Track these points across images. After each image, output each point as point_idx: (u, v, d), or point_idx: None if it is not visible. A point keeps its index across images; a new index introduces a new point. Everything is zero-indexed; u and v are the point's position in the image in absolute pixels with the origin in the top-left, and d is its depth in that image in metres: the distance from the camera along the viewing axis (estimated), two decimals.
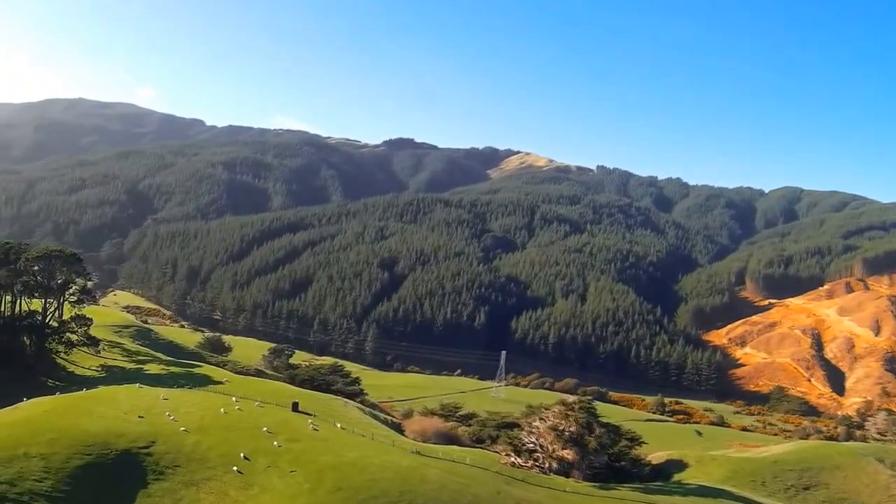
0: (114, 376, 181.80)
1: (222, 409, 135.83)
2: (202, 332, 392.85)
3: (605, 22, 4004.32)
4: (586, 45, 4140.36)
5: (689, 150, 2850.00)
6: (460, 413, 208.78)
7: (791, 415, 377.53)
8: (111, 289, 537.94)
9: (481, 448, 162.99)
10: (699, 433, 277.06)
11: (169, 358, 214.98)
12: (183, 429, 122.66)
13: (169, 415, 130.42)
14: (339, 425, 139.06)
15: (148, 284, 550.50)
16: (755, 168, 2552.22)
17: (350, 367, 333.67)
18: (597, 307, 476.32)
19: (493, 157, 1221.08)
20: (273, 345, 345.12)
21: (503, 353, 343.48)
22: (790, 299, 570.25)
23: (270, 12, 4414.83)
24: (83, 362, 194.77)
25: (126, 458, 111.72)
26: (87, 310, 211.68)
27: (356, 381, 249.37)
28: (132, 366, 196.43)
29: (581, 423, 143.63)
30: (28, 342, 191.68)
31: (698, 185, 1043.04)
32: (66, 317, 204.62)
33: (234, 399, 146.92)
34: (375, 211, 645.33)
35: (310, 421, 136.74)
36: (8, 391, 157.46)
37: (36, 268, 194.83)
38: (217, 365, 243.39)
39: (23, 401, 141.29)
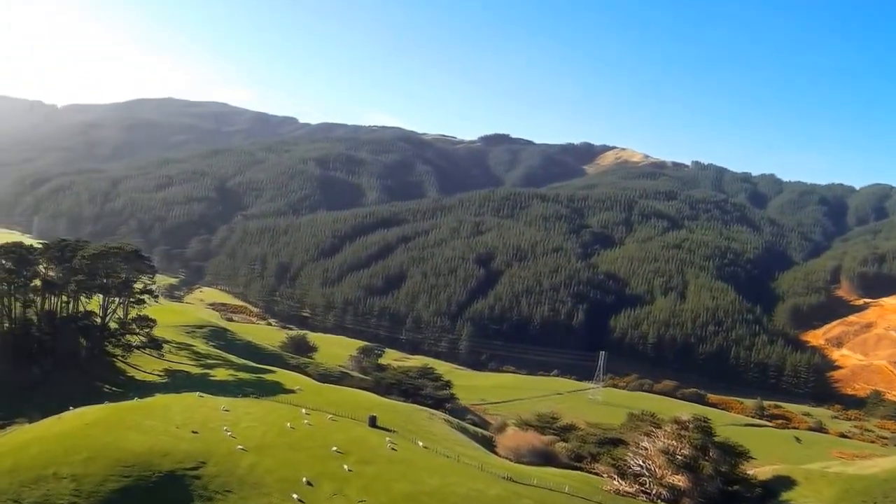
0: (176, 382, 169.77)
1: (289, 424, 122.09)
2: (289, 329, 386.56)
3: (698, 17, 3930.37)
4: (679, 40, 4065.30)
5: (782, 145, 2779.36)
6: (558, 424, 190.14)
7: (888, 420, 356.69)
8: (197, 286, 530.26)
9: (580, 468, 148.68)
10: (798, 440, 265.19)
11: (242, 361, 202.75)
12: (240, 447, 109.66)
13: (227, 430, 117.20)
14: (421, 444, 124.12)
15: (235, 281, 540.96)
16: (846, 164, 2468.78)
17: (442, 366, 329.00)
18: (696, 306, 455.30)
19: (588, 152, 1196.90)
20: (363, 343, 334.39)
21: (602, 353, 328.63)
22: (884, 299, 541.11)
23: (364, 10, 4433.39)
24: (145, 366, 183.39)
25: (169, 482, 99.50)
26: (162, 309, 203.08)
27: (446, 384, 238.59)
28: (198, 371, 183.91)
29: (695, 446, 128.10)
30: (84, 344, 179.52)
31: (791, 181, 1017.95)
32: (128, 318, 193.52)
33: (304, 411, 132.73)
34: (471, 206, 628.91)
35: (388, 439, 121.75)
36: (61, 396, 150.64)
37: (93, 266, 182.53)
38: (297, 367, 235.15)
39: (69, 409, 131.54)
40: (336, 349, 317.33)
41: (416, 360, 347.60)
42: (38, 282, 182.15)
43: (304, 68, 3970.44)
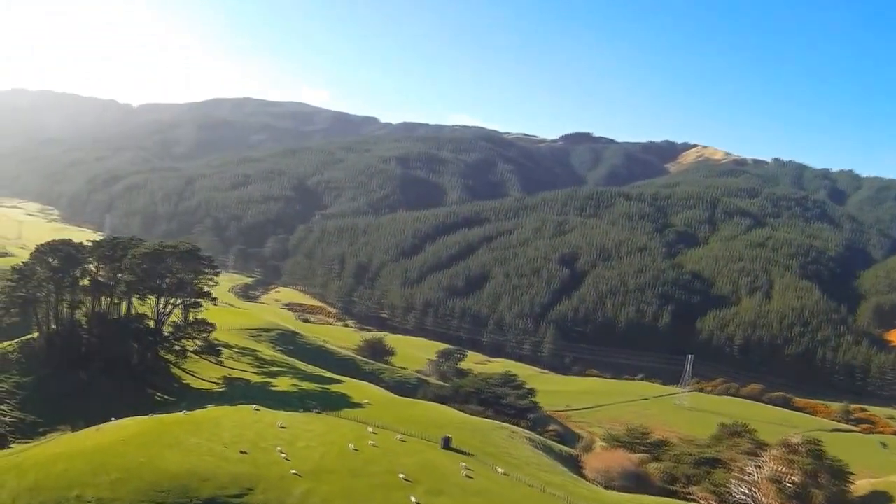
0: (233, 392, 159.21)
1: (351, 445, 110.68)
2: (367, 330, 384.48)
3: (774, 15, 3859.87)
4: (753, 39, 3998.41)
5: (860, 140, 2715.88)
6: (649, 440, 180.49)
7: None
8: (273, 286, 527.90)
9: (676, 493, 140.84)
10: (884, 445, 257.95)
11: (309, 369, 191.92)
12: (294, 471, 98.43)
13: (280, 451, 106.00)
14: (500, 470, 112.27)
15: (312, 281, 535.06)
16: None
17: (525, 370, 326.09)
18: (782, 306, 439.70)
19: (670, 150, 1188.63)
20: (443, 346, 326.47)
21: (689, 357, 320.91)
22: None
23: (444, 11, 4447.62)
24: (202, 373, 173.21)
25: None
26: (227, 311, 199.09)
27: (529, 392, 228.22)
28: (259, 379, 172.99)
29: (807, 472, 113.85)
30: (135, 349, 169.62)
31: (870, 176, 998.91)
32: (184, 321, 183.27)
33: (370, 430, 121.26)
34: (554, 205, 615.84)
35: (463, 464, 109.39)
36: (108, 404, 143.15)
37: (145, 266, 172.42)
38: (371, 374, 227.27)
39: (111, 420, 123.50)
40: (415, 352, 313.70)
41: (498, 364, 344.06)
42: (87, 281, 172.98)
43: (384, 69, 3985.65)
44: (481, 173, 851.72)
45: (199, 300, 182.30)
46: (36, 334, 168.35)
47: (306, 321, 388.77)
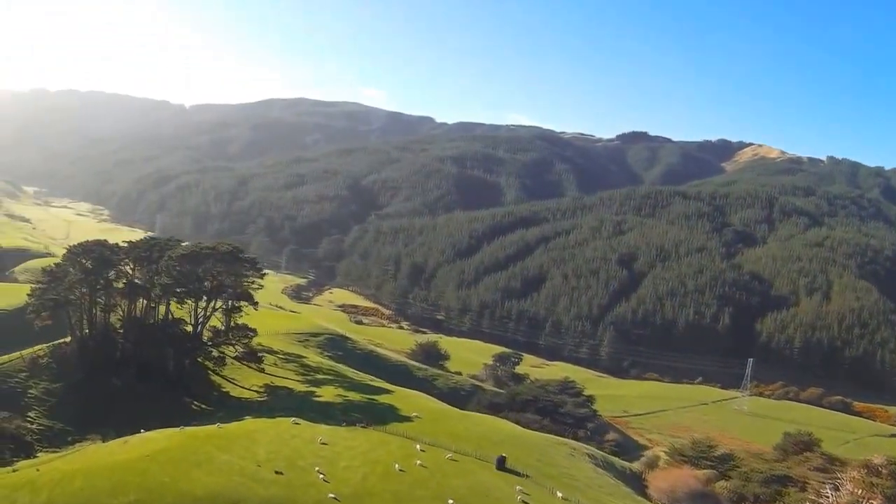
0: (275, 402, 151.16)
1: (397, 465, 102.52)
2: (422, 332, 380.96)
3: (826, 14, 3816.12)
4: (806, 38, 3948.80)
5: None
6: (715, 454, 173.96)
7: None
8: (327, 287, 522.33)
9: None
10: None
11: (357, 377, 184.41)
12: (332, 495, 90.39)
13: (319, 471, 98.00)
14: (559, 494, 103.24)
15: (367, 282, 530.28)
16: None
17: (582, 374, 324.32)
18: (841, 307, 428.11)
19: (725, 149, 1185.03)
20: (499, 350, 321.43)
21: (749, 360, 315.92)
22: None
23: (499, 11, 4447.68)
24: (243, 380, 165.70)
25: None
26: (274, 314, 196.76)
27: (588, 400, 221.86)
28: (303, 388, 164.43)
29: (889, 496, 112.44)
30: (172, 355, 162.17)
31: None
32: (224, 326, 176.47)
33: (418, 447, 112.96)
34: (612, 205, 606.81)
35: (519, 487, 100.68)
36: (142, 413, 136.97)
37: (182, 268, 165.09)
38: (424, 381, 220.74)
39: (140, 432, 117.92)
40: (470, 355, 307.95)
41: (555, 367, 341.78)
42: (122, 284, 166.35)
43: (439, 69, 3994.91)
44: (538, 173, 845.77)
45: (240, 304, 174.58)
46: (68, 338, 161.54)
47: (360, 323, 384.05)
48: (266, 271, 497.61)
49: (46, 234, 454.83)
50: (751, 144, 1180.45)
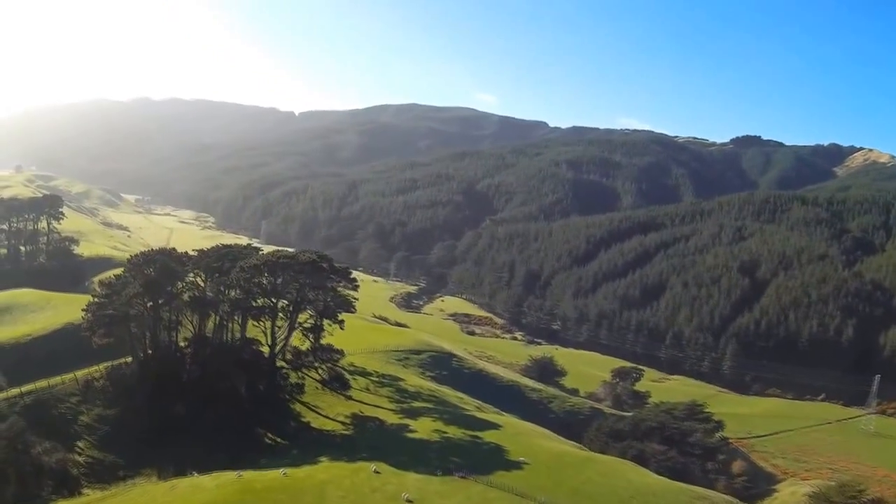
0: (360, 437, 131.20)
1: None
2: (536, 344, 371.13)
3: None
4: None
5: None
6: (864, 498, 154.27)
7: None
8: (438, 295, 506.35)
9: None
10: None
11: (460, 405, 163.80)
12: None
13: None
14: None
15: (480, 290, 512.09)
16: None
17: (703, 389, 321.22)
18: None
19: (836, 153, 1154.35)
20: (618, 364, 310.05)
21: (877, 377, 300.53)
22: None
23: (608, 15, 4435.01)
24: (327, 408, 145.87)
25: None
26: (371, 328, 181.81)
27: (717, 427, 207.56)
28: (396, 419, 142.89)
29: None
30: (244, 379, 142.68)
31: None
32: (306, 346, 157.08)
33: None
34: (731, 210, 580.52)
35: None
36: (206, 444, 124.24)
37: (255, 280, 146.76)
38: (538, 402, 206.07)
39: (190, 475, 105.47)
40: (587, 369, 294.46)
41: (676, 382, 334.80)
42: (188, 298, 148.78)
43: (551, 73, 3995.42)
44: (654, 177, 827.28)
45: (324, 322, 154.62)
46: (129, 359, 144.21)
47: (472, 333, 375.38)
48: (375, 279, 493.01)
49: (145, 242, 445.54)
50: (861, 149, 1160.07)
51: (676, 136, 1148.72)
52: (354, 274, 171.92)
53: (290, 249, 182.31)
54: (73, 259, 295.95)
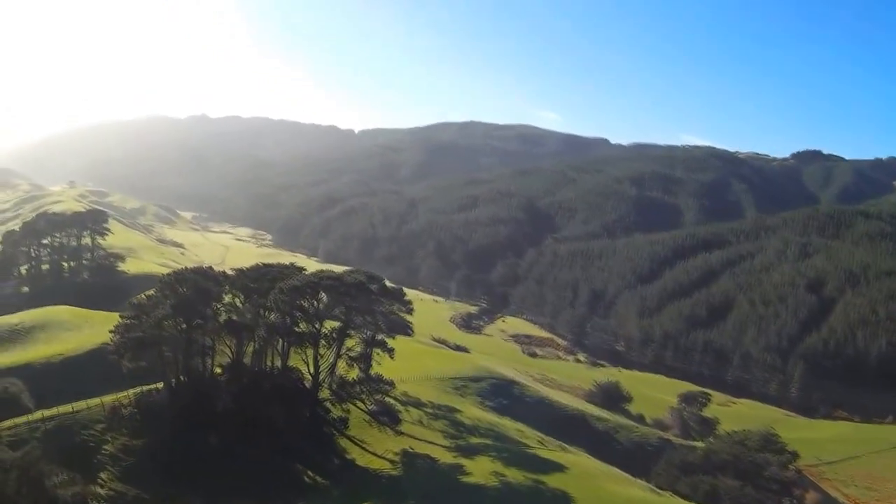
0: (409, 479, 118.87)
1: None
2: (600, 366, 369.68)
3: None
4: None
5: None
6: None
7: None
8: (499, 315, 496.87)
9: None
10: None
11: (522, 437, 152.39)
12: None
13: None
14: None
15: (542, 310, 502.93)
16: None
17: (771, 413, 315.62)
18: None
19: (894, 167, 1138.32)
20: (684, 388, 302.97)
21: None
22: None
23: (667, 34, 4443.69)
24: (376, 444, 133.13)
25: None
26: (427, 352, 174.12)
27: (792, 457, 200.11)
28: (450, 457, 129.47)
29: None
30: (284, 410, 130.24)
31: None
32: (352, 376, 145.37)
33: None
34: (795, 226, 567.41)
35: None
36: (239, 480, 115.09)
37: (295, 302, 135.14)
38: (605, 433, 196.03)
39: None
40: (653, 393, 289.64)
41: (743, 406, 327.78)
42: (223, 320, 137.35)
43: (612, 91, 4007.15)
44: (716, 193, 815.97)
45: (367, 352, 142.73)
46: (160, 384, 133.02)
47: (533, 355, 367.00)
48: (435, 298, 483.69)
49: (199, 259, 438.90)
50: None
51: (737, 152, 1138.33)
52: (414, 293, 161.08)
53: (336, 269, 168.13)
54: (117, 276, 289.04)
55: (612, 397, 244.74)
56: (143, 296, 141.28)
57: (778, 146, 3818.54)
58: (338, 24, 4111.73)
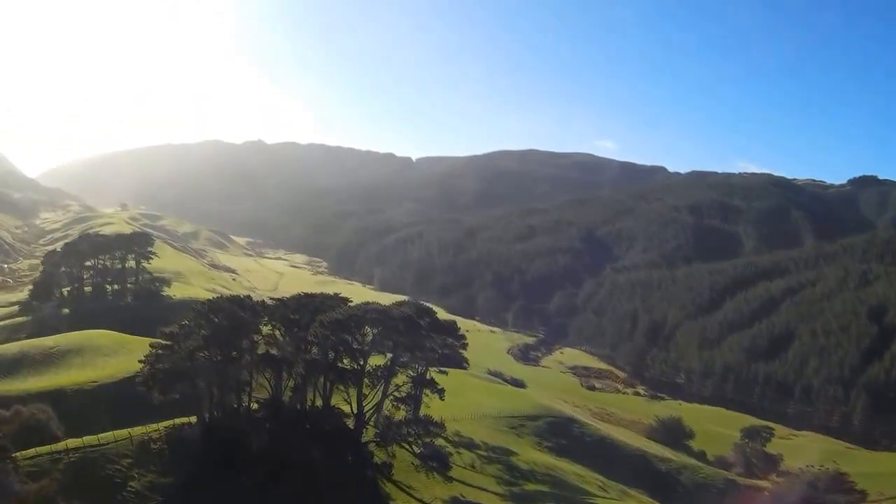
0: None
1: None
2: (660, 398, 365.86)
3: None
4: None
5: None
6: None
7: None
8: (557, 346, 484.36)
9: None
10: None
11: (581, 481, 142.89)
12: None
13: None
14: None
15: (601, 341, 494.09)
16: None
17: (833, 446, 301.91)
18: None
19: None
20: (745, 420, 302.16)
21: None
22: None
23: (723, 65, 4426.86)
24: (423, 490, 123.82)
25: None
26: (480, 387, 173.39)
27: (862, 496, 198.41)
28: None
29: None
30: (323, 454, 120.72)
31: None
32: (397, 417, 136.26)
33: None
34: (854, 253, 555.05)
35: None
36: None
37: (336, 337, 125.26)
38: (667, 474, 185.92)
39: None
40: (714, 427, 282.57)
41: (805, 439, 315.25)
42: (260, 353, 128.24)
43: (669, 119, 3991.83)
44: (774, 221, 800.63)
45: (417, 391, 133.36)
46: (193, 418, 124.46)
47: (592, 388, 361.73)
48: (492, 329, 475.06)
49: (251, 285, 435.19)
50: None
51: (794, 179, 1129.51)
52: (470, 323, 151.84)
53: (390, 298, 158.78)
54: (161, 300, 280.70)
55: (674, 433, 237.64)
56: (175, 325, 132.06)
57: (834, 172, 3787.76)
58: (393, 54, 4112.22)
